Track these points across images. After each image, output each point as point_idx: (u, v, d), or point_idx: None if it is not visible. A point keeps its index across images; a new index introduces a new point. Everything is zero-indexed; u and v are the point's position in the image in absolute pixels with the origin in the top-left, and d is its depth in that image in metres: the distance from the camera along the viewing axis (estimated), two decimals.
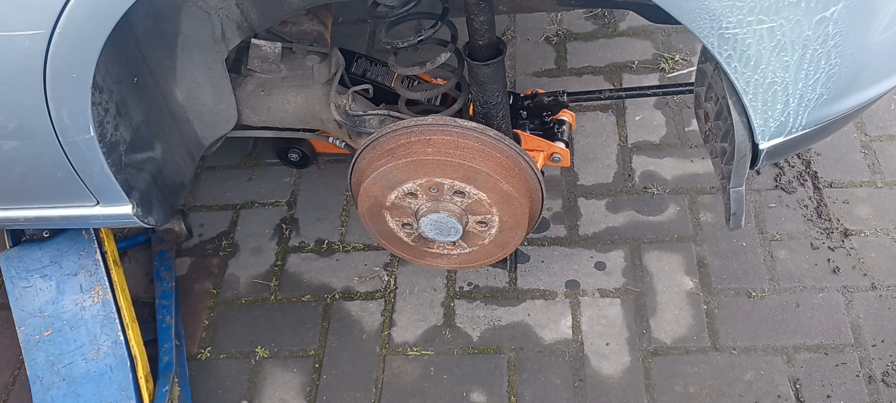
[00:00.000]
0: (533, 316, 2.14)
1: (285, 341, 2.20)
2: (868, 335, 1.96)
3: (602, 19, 2.86)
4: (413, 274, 2.28)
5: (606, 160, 2.44)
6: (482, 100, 1.65)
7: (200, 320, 2.28)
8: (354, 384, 2.09)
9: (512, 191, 1.61)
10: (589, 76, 2.67)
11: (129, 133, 1.65)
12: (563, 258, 2.25)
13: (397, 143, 1.63)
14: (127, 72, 1.63)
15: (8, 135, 1.51)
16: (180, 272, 2.39)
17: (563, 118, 1.97)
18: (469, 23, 1.50)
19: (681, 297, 2.12)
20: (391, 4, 1.58)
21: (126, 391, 1.93)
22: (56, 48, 1.31)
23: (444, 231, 1.71)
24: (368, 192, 1.69)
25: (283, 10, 1.73)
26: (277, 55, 1.94)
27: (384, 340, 2.16)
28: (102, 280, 2.06)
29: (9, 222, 1.83)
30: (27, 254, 2.11)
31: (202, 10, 1.66)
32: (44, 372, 1.97)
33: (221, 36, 1.72)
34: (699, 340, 2.03)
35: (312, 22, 1.97)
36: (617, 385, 1.98)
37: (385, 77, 2.09)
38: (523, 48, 2.81)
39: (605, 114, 2.57)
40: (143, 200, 1.71)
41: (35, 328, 2.02)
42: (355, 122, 1.94)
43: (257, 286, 2.33)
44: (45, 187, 1.66)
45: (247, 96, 1.96)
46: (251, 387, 2.12)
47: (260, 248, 2.42)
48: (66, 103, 1.41)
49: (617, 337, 2.07)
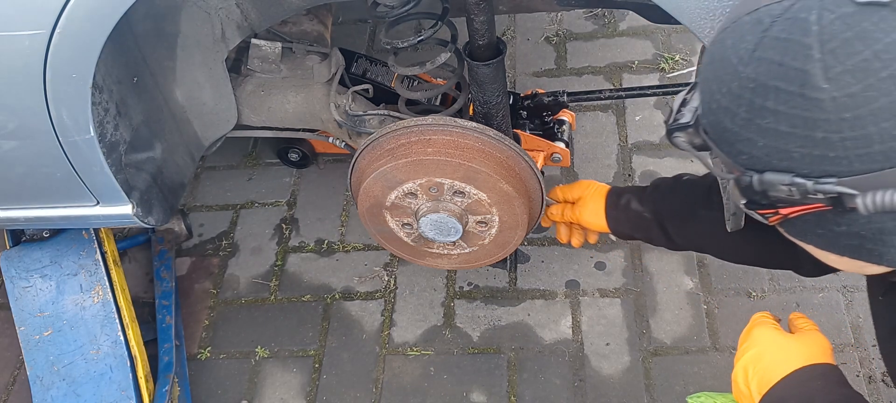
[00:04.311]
0: (533, 316, 2.14)
1: (285, 341, 2.20)
2: (868, 335, 1.96)
3: (602, 19, 2.86)
4: (413, 274, 2.28)
5: (606, 160, 2.44)
6: (482, 100, 1.65)
7: (200, 320, 2.28)
8: (354, 384, 2.09)
9: (512, 190, 1.61)
10: (589, 76, 2.67)
11: (129, 133, 1.65)
12: (563, 258, 2.25)
13: (397, 143, 1.63)
14: (127, 72, 1.63)
15: (8, 135, 1.51)
16: (180, 272, 2.39)
17: (563, 118, 1.97)
18: (469, 23, 1.50)
19: (681, 297, 2.12)
20: (391, 4, 1.58)
21: (126, 391, 1.93)
22: (56, 48, 1.31)
23: (444, 231, 1.71)
24: (368, 192, 1.68)
25: (283, 9, 1.73)
26: (277, 55, 1.94)
27: (384, 340, 2.16)
28: (102, 280, 2.06)
29: (9, 222, 1.83)
30: (27, 254, 2.11)
31: (202, 10, 1.66)
32: (44, 372, 1.97)
33: (221, 36, 1.72)
34: (699, 340, 2.03)
35: (312, 22, 1.96)
36: (617, 385, 1.98)
37: (385, 77, 2.09)
38: (523, 48, 2.81)
39: (605, 114, 2.57)
40: (143, 200, 1.70)
41: (35, 328, 2.02)
42: (355, 122, 1.93)
43: (257, 286, 2.33)
44: (45, 187, 1.66)
45: (247, 96, 1.95)
46: (251, 387, 2.12)
47: (260, 248, 2.42)
48: (66, 103, 1.41)
49: (617, 337, 2.07)
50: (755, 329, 1.21)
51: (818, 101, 0.76)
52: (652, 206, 1.58)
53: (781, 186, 0.81)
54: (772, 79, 0.78)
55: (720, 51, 0.86)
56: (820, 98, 0.76)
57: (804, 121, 0.77)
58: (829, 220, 0.84)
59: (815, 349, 1.15)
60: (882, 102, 0.74)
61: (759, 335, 1.19)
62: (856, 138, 0.76)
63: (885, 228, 0.81)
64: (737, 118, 0.83)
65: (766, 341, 1.17)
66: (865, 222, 0.81)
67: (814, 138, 0.77)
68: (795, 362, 1.13)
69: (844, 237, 0.85)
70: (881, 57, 0.73)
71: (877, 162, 0.76)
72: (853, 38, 0.74)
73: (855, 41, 0.74)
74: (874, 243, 0.83)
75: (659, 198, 1.57)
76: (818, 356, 1.14)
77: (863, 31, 0.74)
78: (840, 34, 0.75)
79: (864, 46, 0.74)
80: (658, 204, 1.57)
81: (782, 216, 0.87)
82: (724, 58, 0.84)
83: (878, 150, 0.75)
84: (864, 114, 0.74)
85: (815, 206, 0.82)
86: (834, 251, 0.88)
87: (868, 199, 0.77)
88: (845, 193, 0.78)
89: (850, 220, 0.82)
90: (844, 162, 0.77)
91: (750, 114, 0.81)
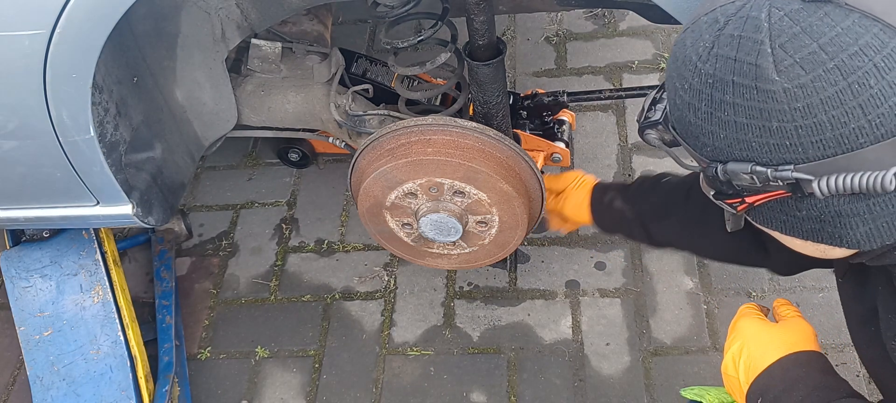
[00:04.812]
0: (533, 316, 2.14)
1: (285, 341, 2.20)
2: None
3: (602, 19, 2.86)
4: (413, 274, 2.28)
5: (606, 160, 2.44)
6: (482, 100, 1.65)
7: (200, 320, 2.28)
8: (354, 384, 2.09)
9: (512, 191, 1.61)
10: (589, 76, 2.67)
11: (129, 133, 1.65)
12: (563, 258, 2.25)
13: (397, 143, 1.63)
14: (127, 73, 1.63)
15: (8, 135, 1.51)
16: (180, 272, 2.39)
17: (563, 118, 1.97)
18: (469, 23, 1.50)
19: (681, 297, 2.12)
20: (391, 4, 1.58)
21: (126, 391, 1.93)
22: (56, 48, 1.31)
23: (444, 231, 1.71)
24: (368, 192, 1.68)
25: (283, 10, 1.73)
26: (277, 55, 1.94)
27: (384, 340, 2.16)
28: (102, 280, 2.06)
29: (9, 222, 1.83)
30: (27, 254, 2.11)
31: (202, 10, 1.66)
32: (44, 372, 1.97)
33: (221, 36, 1.72)
34: (699, 340, 2.03)
35: (312, 22, 1.97)
36: (617, 385, 1.98)
37: (385, 77, 2.09)
38: (523, 48, 2.81)
39: (605, 114, 2.57)
40: (143, 200, 1.71)
41: (35, 328, 2.02)
42: (355, 122, 1.94)
43: (257, 286, 2.33)
44: (45, 187, 1.66)
45: (247, 96, 1.95)
46: (251, 387, 2.12)
47: (260, 248, 2.42)
48: (66, 103, 1.41)
49: (617, 337, 2.07)
50: (740, 320, 1.25)
51: (772, 93, 0.81)
52: (634, 205, 1.61)
53: (743, 175, 0.86)
54: (728, 73, 0.84)
55: (682, 50, 0.91)
56: (773, 90, 0.80)
57: (760, 111, 0.82)
58: (791, 206, 0.89)
59: (798, 336, 1.18)
60: (830, 91, 0.78)
61: (743, 326, 1.22)
62: (808, 126, 0.80)
63: (843, 211, 0.85)
64: (699, 112, 0.88)
65: (750, 332, 1.21)
66: (823, 206, 0.86)
67: (770, 128, 0.82)
68: (779, 351, 1.16)
69: (805, 221, 0.89)
70: (826, 49, 0.78)
71: (830, 148, 0.81)
72: (801, 33, 0.79)
73: (802, 35, 0.79)
74: (833, 226, 0.87)
75: (641, 197, 1.60)
76: (802, 343, 1.17)
77: (809, 25, 0.79)
78: (788, 29, 0.80)
79: (811, 40, 0.79)
80: (640, 203, 1.60)
81: (748, 204, 0.92)
82: (685, 56, 0.89)
83: (830, 137, 0.80)
84: (814, 103, 0.79)
85: (777, 193, 0.88)
86: (797, 235, 0.92)
87: (823, 184, 0.82)
88: (802, 179, 0.83)
89: (809, 205, 0.87)
90: (799, 149, 0.82)
91: (710, 107, 0.86)
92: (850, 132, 0.79)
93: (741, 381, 1.18)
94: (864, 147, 0.79)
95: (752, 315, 1.25)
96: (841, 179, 0.81)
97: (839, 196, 0.83)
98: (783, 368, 1.14)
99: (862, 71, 0.78)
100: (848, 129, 0.79)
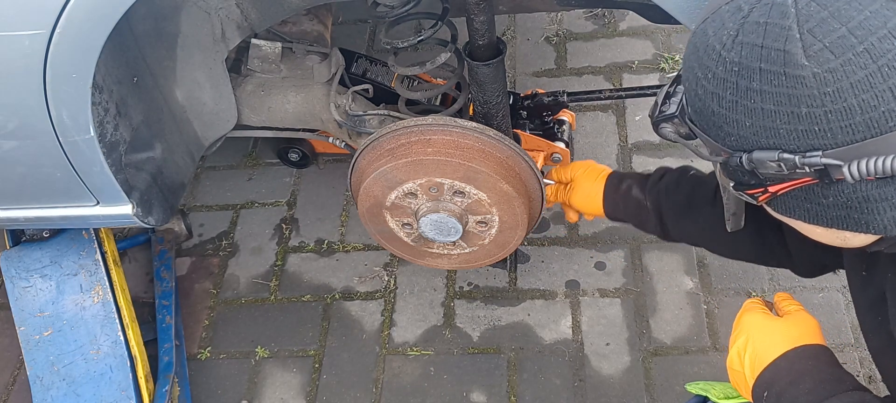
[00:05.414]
0: (533, 316, 2.14)
1: (285, 341, 2.20)
2: None
3: (602, 19, 2.86)
4: (413, 274, 2.28)
5: (606, 160, 2.44)
6: (482, 100, 1.65)
7: (200, 320, 2.28)
8: (354, 384, 2.09)
9: (512, 190, 1.61)
10: (589, 76, 2.67)
11: (129, 133, 1.65)
12: (563, 258, 2.25)
13: (397, 143, 1.63)
14: (127, 73, 1.63)
15: (8, 135, 1.51)
16: (180, 272, 2.39)
17: (563, 118, 1.97)
18: (469, 23, 1.50)
19: (681, 297, 2.12)
20: (391, 4, 1.58)
21: (126, 391, 1.93)
22: (56, 48, 1.31)
23: (444, 231, 1.71)
24: (368, 192, 1.69)
25: (283, 9, 1.73)
26: (277, 55, 1.94)
27: (384, 340, 2.16)
28: (102, 280, 2.06)
29: (9, 222, 1.83)
30: (27, 254, 2.11)
31: (202, 10, 1.66)
32: (44, 372, 1.97)
33: (221, 36, 1.72)
34: (699, 340, 2.03)
35: (312, 22, 1.97)
36: (617, 385, 1.98)
37: (385, 77, 2.09)
38: (523, 48, 2.81)
39: (605, 114, 2.57)
40: (143, 200, 1.70)
41: (35, 328, 2.02)
42: (355, 122, 1.94)
43: (257, 286, 2.33)
44: (45, 187, 1.66)
45: (247, 96, 1.95)
46: (251, 387, 2.12)
47: (260, 248, 2.42)
48: (66, 103, 1.41)
49: (617, 337, 2.07)
50: (745, 315, 1.24)
51: (801, 78, 0.80)
52: (654, 197, 1.59)
53: (770, 163, 0.85)
54: (755, 61, 0.83)
55: (703, 40, 0.90)
56: (802, 75, 0.80)
57: (788, 98, 0.81)
58: (816, 193, 0.88)
59: (803, 330, 1.18)
60: (860, 75, 0.78)
61: (748, 320, 1.22)
62: (838, 111, 0.80)
63: (870, 196, 0.85)
64: (724, 101, 0.87)
65: (755, 326, 1.21)
66: (851, 192, 0.85)
67: (798, 114, 0.82)
68: (784, 344, 1.16)
69: (831, 208, 0.89)
70: (856, 33, 0.78)
71: (859, 132, 0.80)
72: (829, 17, 0.79)
73: (831, 19, 0.79)
74: (860, 212, 0.87)
75: (663, 190, 1.58)
76: (807, 337, 1.17)
77: (837, 10, 0.79)
78: (816, 14, 0.80)
79: (840, 24, 0.79)
80: (661, 196, 1.58)
81: (771, 194, 0.92)
82: (708, 46, 0.89)
83: (859, 121, 0.80)
84: (844, 87, 0.79)
85: (803, 181, 0.87)
86: (821, 223, 0.91)
87: (854, 168, 0.81)
88: (831, 165, 0.82)
89: (836, 191, 0.86)
90: (829, 134, 0.81)
91: (736, 96, 0.85)
92: (880, 115, 0.79)
93: (747, 375, 1.18)
94: (893, 130, 0.79)
95: (756, 309, 1.24)
96: (872, 162, 0.80)
97: (867, 181, 0.83)
98: (789, 361, 1.14)
99: (892, 53, 0.78)
100: (878, 113, 0.79)
